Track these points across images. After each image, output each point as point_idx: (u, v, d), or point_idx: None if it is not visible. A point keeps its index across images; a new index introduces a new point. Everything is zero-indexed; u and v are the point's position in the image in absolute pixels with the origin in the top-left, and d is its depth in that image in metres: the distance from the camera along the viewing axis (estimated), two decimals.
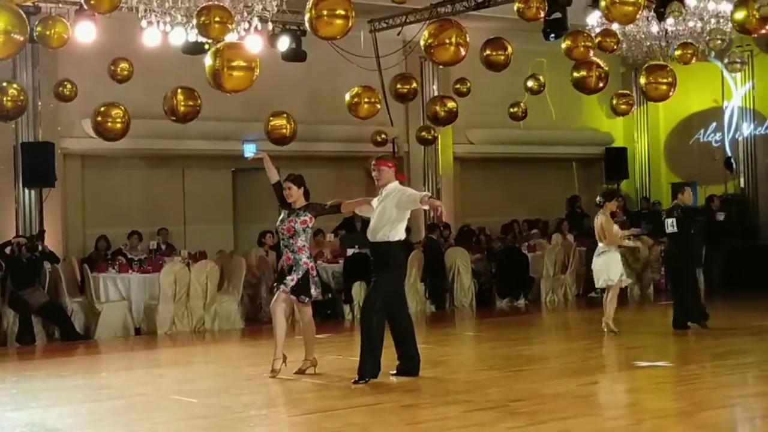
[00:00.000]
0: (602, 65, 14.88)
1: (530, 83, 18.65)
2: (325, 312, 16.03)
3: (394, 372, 9.78)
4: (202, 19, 11.44)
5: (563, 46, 14.56)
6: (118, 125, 14.11)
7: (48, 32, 13.05)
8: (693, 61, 15.59)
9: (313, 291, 9.90)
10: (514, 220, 21.30)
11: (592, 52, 14.53)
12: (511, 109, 19.22)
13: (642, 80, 14.56)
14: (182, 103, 13.72)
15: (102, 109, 14.19)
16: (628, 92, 18.22)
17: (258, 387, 9.70)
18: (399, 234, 9.70)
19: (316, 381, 9.81)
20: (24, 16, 9.99)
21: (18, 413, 8.62)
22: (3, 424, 8.17)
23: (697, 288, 14.23)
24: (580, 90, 15.48)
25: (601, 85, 15.05)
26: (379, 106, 15.47)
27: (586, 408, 8.20)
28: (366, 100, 15.18)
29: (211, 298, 15.03)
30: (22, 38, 9.96)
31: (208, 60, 11.08)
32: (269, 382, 9.91)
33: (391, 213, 9.65)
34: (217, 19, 11.42)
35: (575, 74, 14.93)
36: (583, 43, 14.32)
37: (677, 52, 15.52)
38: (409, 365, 9.80)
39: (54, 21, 13.11)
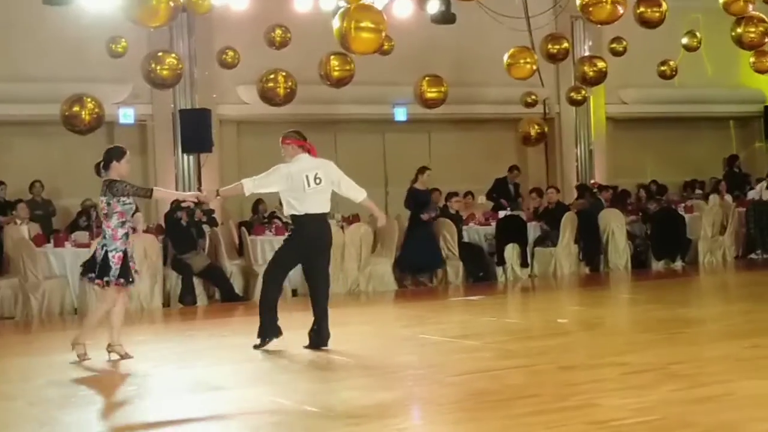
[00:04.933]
0: (766, 20, 14.31)
1: (686, 40, 18.18)
2: (477, 274, 16.07)
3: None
4: None
5: (721, 0, 14.06)
6: (285, 91, 14.38)
7: None
8: None
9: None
10: (652, 181, 20.78)
11: (751, 7, 13.99)
12: (661, 68, 18.77)
13: None
14: (336, 69, 13.84)
15: (271, 75, 14.47)
16: None
17: (413, 348, 9.80)
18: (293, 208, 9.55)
19: (471, 342, 9.84)
20: None
21: (183, 371, 8.92)
22: (170, 383, 8.48)
23: None
24: (740, 46, 14.95)
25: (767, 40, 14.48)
26: (535, 67, 15.31)
27: (749, 371, 7.99)
28: (524, 60, 15.02)
29: (365, 261, 15.22)
30: (174, 5, 10.23)
31: (336, 21, 11.03)
32: (424, 343, 10.01)
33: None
34: None
35: (737, 30, 14.42)
36: None
37: None
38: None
39: None
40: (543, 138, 18.70)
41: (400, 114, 19.80)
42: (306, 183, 9.46)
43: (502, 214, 16.85)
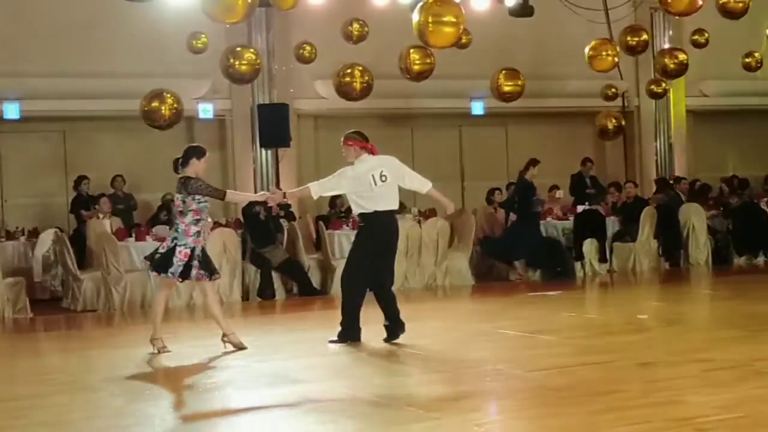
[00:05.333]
0: None
1: None
2: (555, 269, 15.94)
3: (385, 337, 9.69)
4: None
5: None
6: (361, 85, 14.42)
7: None
8: None
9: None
10: (733, 175, 20.43)
11: None
12: (745, 59, 18.43)
13: None
14: (417, 62, 13.83)
15: (348, 70, 14.50)
16: None
17: (489, 343, 9.77)
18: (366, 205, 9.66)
19: (549, 338, 9.78)
20: None
21: (263, 364, 8.98)
22: (250, 374, 8.54)
23: None
24: None
25: None
26: (617, 59, 15.13)
27: None
28: (606, 53, 14.84)
29: (442, 255, 15.19)
30: (251, 1, 10.35)
31: (415, 15, 10.99)
32: (500, 338, 9.96)
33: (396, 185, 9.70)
34: None
35: None
36: None
37: None
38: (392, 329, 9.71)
39: None
40: (620, 132, 18.44)
41: (477, 108, 19.72)
42: (373, 182, 9.58)
43: (580, 208, 16.70)
